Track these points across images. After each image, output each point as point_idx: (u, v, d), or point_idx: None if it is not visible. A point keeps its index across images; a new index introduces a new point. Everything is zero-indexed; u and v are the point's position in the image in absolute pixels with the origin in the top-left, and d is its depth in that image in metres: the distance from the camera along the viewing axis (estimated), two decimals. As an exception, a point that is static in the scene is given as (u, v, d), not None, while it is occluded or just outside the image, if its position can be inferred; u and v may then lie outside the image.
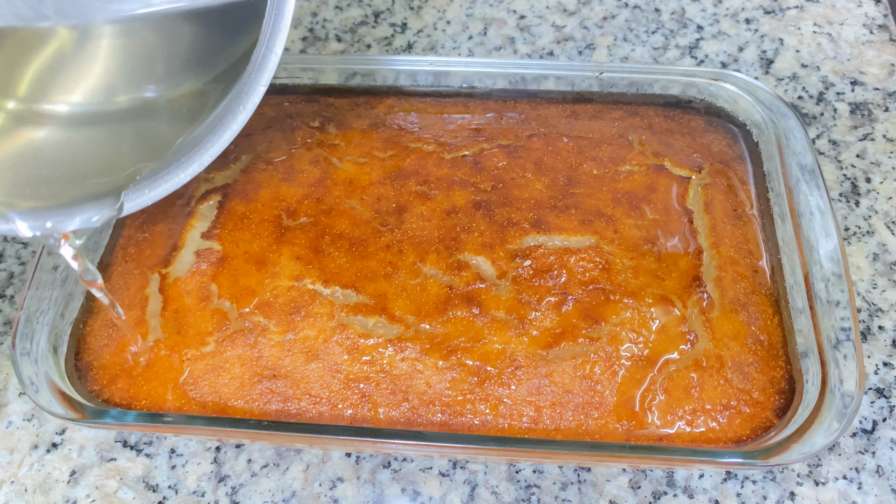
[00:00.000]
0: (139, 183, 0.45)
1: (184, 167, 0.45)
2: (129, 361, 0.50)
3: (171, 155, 0.45)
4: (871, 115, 0.67)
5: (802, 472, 0.50)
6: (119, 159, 0.47)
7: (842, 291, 0.47)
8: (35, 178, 0.46)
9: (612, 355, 0.48)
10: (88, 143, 0.48)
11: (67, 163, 0.47)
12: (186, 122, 0.47)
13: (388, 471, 0.51)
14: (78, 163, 0.47)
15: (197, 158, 0.45)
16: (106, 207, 0.43)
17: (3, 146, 0.46)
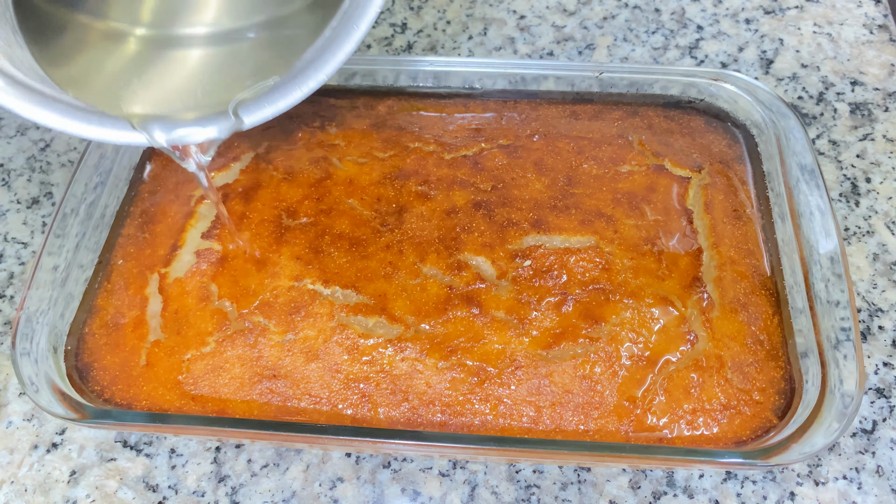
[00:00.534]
0: (259, 99, 0.48)
1: (299, 84, 0.48)
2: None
3: (289, 73, 0.48)
4: (870, 116, 0.67)
5: (802, 473, 0.50)
6: (239, 77, 0.50)
7: (842, 291, 0.47)
8: (166, 94, 0.50)
9: (611, 355, 0.48)
10: (210, 63, 0.52)
11: (193, 80, 0.51)
12: (298, 43, 0.50)
13: (388, 471, 0.51)
14: (202, 80, 0.51)
15: (312, 76, 0.48)
16: (229, 120, 0.47)
17: (137, 67, 0.50)
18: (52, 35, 0.47)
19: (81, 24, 0.49)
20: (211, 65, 0.51)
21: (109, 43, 0.51)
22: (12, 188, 0.67)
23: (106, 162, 0.57)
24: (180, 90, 0.50)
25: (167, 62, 0.51)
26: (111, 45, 0.51)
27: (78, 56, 0.49)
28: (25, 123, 0.72)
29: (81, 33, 0.49)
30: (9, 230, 0.64)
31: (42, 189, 0.67)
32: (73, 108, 0.45)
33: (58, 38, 0.48)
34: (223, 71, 0.51)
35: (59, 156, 0.69)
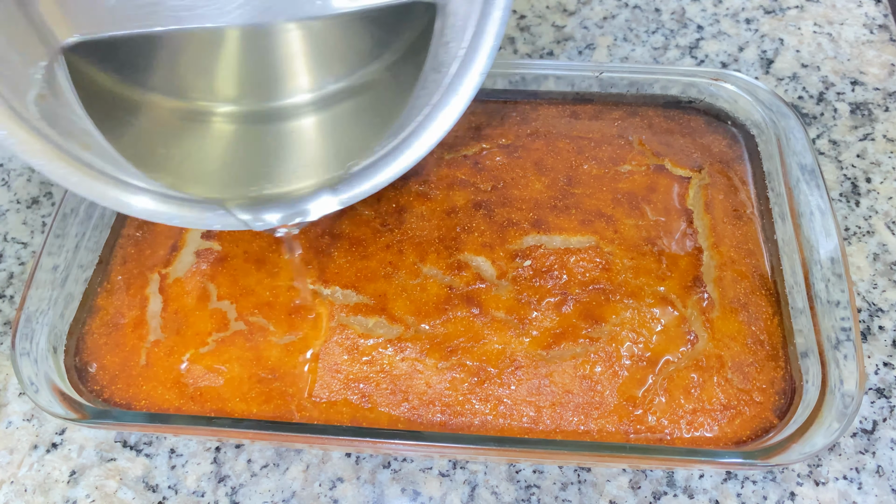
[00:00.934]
0: (354, 175, 0.45)
1: (395, 156, 0.45)
2: None
3: (380, 146, 0.45)
4: (871, 115, 0.67)
5: (803, 473, 0.50)
6: (327, 153, 0.48)
7: (842, 291, 0.47)
8: (252, 173, 0.47)
9: (612, 355, 0.48)
10: (297, 138, 0.49)
11: (281, 158, 0.48)
12: (379, 119, 0.47)
13: (388, 471, 0.51)
14: (289, 158, 0.48)
15: (410, 146, 0.45)
16: (322, 201, 0.45)
17: (217, 145, 0.48)
18: (126, 122, 0.46)
19: (156, 106, 0.48)
20: (296, 144, 0.49)
21: (190, 124, 0.49)
22: (12, 188, 0.67)
23: (106, 162, 0.57)
24: (268, 171, 0.48)
25: (251, 141, 0.49)
26: (192, 125, 0.49)
27: (158, 140, 0.47)
28: (25, 123, 0.72)
29: (157, 115, 0.48)
30: (8, 230, 0.64)
31: (42, 189, 0.67)
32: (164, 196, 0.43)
33: (133, 124, 0.46)
34: (309, 149, 0.49)
35: (58, 156, 0.69)
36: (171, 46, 0.47)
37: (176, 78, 0.48)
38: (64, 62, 0.39)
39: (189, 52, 0.48)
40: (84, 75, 0.42)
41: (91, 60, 0.44)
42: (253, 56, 0.49)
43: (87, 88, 0.42)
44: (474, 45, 0.43)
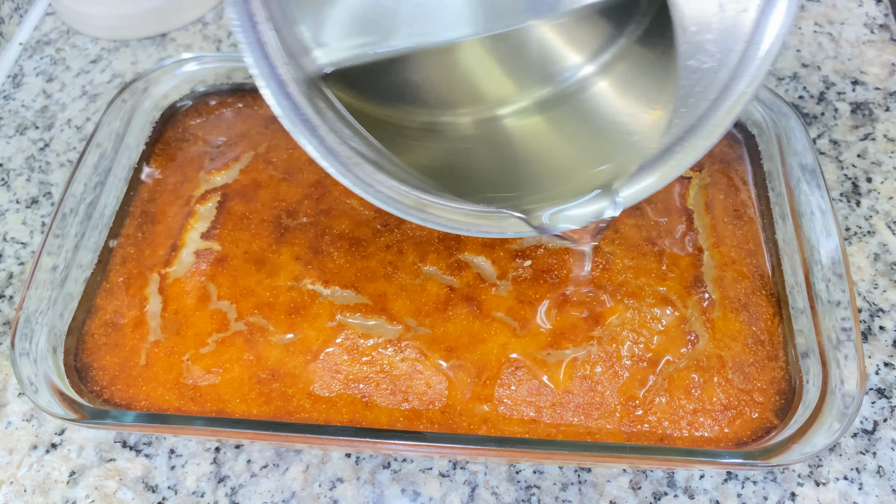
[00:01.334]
0: (635, 174, 0.43)
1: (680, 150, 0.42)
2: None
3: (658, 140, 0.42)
4: (871, 115, 0.67)
5: (803, 473, 0.50)
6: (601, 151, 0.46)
7: (843, 291, 0.47)
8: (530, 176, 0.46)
9: (612, 355, 0.48)
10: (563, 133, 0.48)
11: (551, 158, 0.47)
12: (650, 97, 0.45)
13: (387, 471, 0.51)
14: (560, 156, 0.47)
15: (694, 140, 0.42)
16: (602, 203, 0.42)
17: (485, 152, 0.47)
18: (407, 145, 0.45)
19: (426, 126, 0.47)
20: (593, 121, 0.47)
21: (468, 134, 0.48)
22: (11, 188, 0.67)
23: (105, 162, 0.57)
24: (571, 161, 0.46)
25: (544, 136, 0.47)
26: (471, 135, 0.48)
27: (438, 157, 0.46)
28: (24, 123, 0.72)
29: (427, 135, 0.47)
30: (8, 230, 0.64)
31: (41, 189, 0.67)
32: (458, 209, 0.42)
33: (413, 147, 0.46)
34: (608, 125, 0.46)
35: (58, 155, 0.69)
36: (426, 65, 0.46)
37: (440, 94, 0.48)
38: (324, 92, 0.40)
39: (445, 67, 0.47)
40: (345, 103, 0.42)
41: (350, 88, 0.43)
42: (501, 56, 0.48)
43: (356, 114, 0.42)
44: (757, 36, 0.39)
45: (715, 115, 0.41)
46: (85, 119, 0.72)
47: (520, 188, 0.45)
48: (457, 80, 0.48)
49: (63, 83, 0.75)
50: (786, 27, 0.39)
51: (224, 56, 0.64)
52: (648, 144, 0.42)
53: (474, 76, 0.48)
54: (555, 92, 0.48)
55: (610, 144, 0.45)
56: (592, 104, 0.47)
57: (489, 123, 0.48)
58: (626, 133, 0.45)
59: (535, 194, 0.44)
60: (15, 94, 0.75)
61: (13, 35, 0.80)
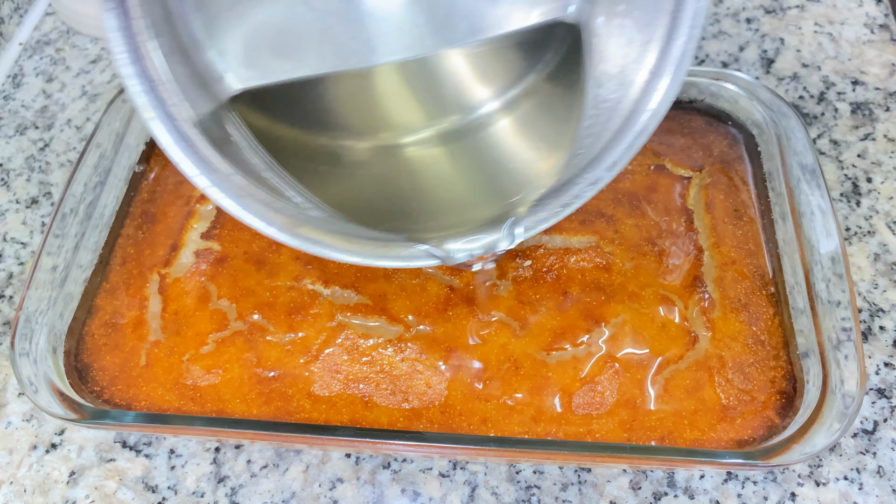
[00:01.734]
0: (533, 208, 0.42)
1: (578, 184, 0.41)
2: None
3: (558, 175, 0.42)
4: (872, 115, 0.67)
5: (803, 473, 0.50)
6: (501, 175, 0.46)
7: (843, 291, 0.47)
8: (429, 206, 0.46)
9: (612, 355, 0.48)
10: (467, 161, 0.48)
11: (453, 188, 0.47)
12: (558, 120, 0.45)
13: (387, 471, 0.51)
14: (462, 187, 0.47)
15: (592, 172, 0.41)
16: (500, 234, 0.42)
17: (388, 180, 0.47)
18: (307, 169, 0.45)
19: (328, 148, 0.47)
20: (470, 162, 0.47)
21: (369, 160, 0.48)
22: (11, 188, 0.67)
23: (105, 162, 0.57)
24: (467, 196, 0.46)
25: (441, 168, 0.47)
26: (371, 161, 0.47)
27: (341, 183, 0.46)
28: (24, 123, 0.72)
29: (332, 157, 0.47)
30: (8, 230, 0.64)
31: (41, 189, 0.67)
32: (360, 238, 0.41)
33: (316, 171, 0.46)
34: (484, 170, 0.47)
35: (58, 156, 0.69)
36: (335, 88, 0.46)
37: (347, 118, 0.48)
38: (232, 114, 0.40)
39: (354, 91, 0.47)
40: (255, 125, 0.42)
41: (260, 111, 0.44)
42: (416, 83, 0.48)
43: (260, 137, 0.42)
44: (659, 66, 0.40)
45: (618, 148, 0.41)
46: (85, 119, 0.72)
47: (420, 219, 0.45)
48: (366, 106, 0.48)
49: (63, 83, 0.75)
50: (687, 60, 0.40)
51: (224, 56, 0.64)
52: (549, 178, 0.43)
53: (383, 102, 0.48)
54: (460, 124, 0.49)
55: (511, 178, 0.46)
56: (495, 139, 0.48)
57: (393, 151, 0.48)
58: (527, 168, 0.45)
59: (435, 225, 0.44)
60: (15, 94, 0.75)
61: (13, 35, 0.80)
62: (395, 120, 0.49)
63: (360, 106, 0.48)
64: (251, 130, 0.41)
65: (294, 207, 0.40)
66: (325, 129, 0.47)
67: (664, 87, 0.40)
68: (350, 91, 0.47)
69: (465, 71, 0.48)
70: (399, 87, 0.48)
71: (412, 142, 0.48)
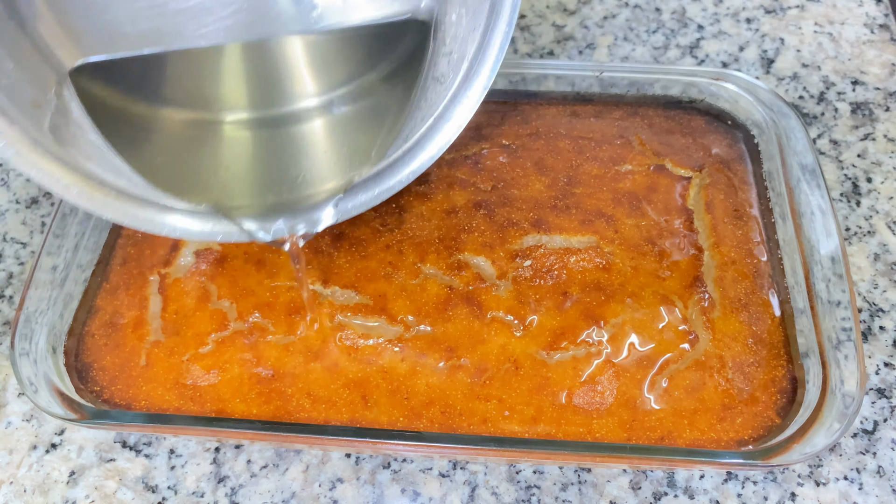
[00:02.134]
0: (357, 186, 0.45)
1: (397, 170, 0.46)
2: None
3: (382, 158, 0.46)
4: (871, 115, 0.67)
5: (803, 473, 0.50)
6: (331, 161, 0.48)
7: (843, 291, 0.47)
8: (257, 183, 0.48)
9: (612, 355, 0.48)
10: (301, 146, 0.50)
11: (284, 166, 0.49)
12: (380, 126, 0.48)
13: (387, 471, 0.51)
14: (294, 165, 0.49)
15: (414, 157, 0.45)
16: (324, 212, 0.45)
17: (225, 154, 0.49)
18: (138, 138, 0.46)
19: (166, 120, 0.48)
20: (301, 150, 0.49)
21: (200, 134, 0.49)
22: (11, 188, 0.67)
23: (105, 162, 0.57)
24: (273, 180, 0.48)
25: (256, 149, 0.49)
26: (202, 135, 0.49)
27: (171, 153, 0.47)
28: (25, 123, 0.72)
29: (168, 129, 0.48)
30: (8, 230, 0.64)
31: (41, 189, 0.67)
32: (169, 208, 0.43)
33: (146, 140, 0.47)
34: (314, 157, 0.49)
35: (58, 156, 0.69)
36: (175, 62, 0.47)
37: (183, 90, 0.49)
38: (72, 85, 0.40)
39: (193, 65, 0.48)
40: (93, 96, 0.43)
41: (98, 81, 0.44)
42: (255, 64, 0.49)
43: (98, 108, 0.42)
44: (479, 57, 0.43)
45: (438, 135, 0.45)
46: (85, 119, 0.72)
47: (228, 194, 0.46)
48: (194, 79, 0.49)
49: (63, 83, 0.75)
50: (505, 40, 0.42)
51: (224, 56, 0.64)
52: (368, 166, 0.46)
53: (212, 79, 0.49)
54: (277, 114, 0.50)
55: (338, 161, 0.48)
56: (305, 135, 0.50)
57: (211, 126, 0.49)
58: (355, 154, 0.48)
59: (248, 203, 0.46)
60: (15, 94, 0.74)
61: (13, 35, 0.80)
62: (220, 97, 0.50)
63: (188, 79, 0.49)
64: (86, 102, 0.41)
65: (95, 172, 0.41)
66: (151, 98, 0.48)
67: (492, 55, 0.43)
68: (181, 64, 0.48)
69: (301, 61, 0.49)
70: (233, 66, 0.49)
71: (231, 121, 0.50)
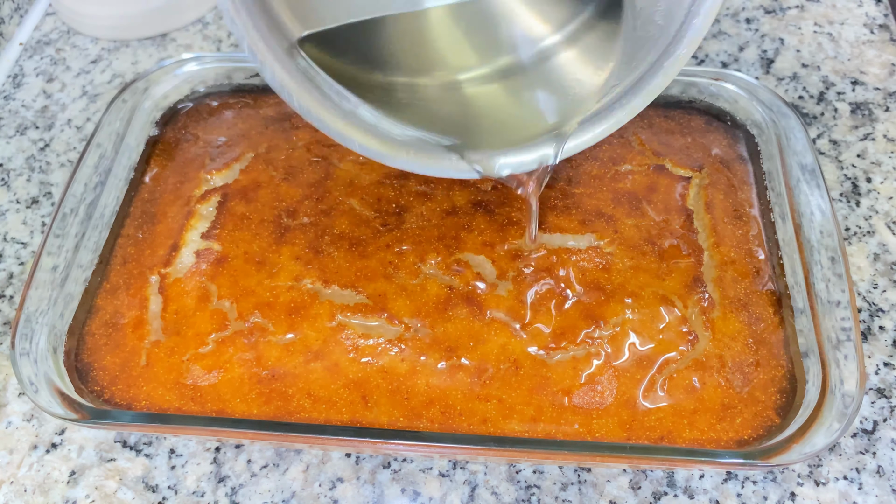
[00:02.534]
0: (577, 129, 0.46)
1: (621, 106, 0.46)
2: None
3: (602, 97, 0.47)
4: (871, 115, 0.67)
5: (803, 473, 0.50)
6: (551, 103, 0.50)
7: (842, 291, 0.47)
8: (480, 127, 0.50)
9: (612, 355, 0.48)
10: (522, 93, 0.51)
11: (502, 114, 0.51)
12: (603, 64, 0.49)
13: (387, 471, 0.51)
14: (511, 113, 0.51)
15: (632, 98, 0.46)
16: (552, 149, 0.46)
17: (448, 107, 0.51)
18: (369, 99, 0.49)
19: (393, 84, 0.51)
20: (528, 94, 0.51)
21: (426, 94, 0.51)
22: (12, 188, 0.67)
23: (105, 162, 0.57)
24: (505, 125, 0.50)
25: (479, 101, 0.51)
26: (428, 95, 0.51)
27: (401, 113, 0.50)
28: (24, 123, 0.72)
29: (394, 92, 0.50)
30: (8, 230, 0.64)
31: (41, 189, 0.67)
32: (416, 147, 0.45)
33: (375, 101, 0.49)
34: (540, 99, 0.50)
35: (58, 156, 0.69)
36: (392, 28, 0.50)
37: (408, 55, 0.51)
38: (304, 54, 0.45)
39: (412, 29, 0.51)
40: (328, 66, 0.46)
41: (326, 52, 0.47)
42: (465, 21, 0.52)
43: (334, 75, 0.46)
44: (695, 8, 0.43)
45: (654, 79, 0.45)
46: (85, 119, 0.72)
47: (473, 140, 0.48)
48: (420, 47, 0.51)
49: (63, 83, 0.75)
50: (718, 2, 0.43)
51: (224, 56, 0.64)
52: (591, 103, 0.47)
53: (436, 44, 0.51)
54: (518, 59, 0.52)
55: (558, 103, 0.50)
56: (546, 73, 0.51)
57: (449, 86, 0.51)
58: (574, 94, 0.49)
59: (483, 142, 0.47)
60: (15, 95, 0.75)
61: (13, 35, 0.80)
62: (449, 60, 0.52)
63: (415, 46, 0.51)
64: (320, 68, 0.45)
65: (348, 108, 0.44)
66: (381, 69, 0.50)
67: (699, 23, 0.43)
68: (404, 32, 0.50)
69: (519, 9, 0.51)
70: (456, 28, 0.52)
71: (468, 78, 0.51)
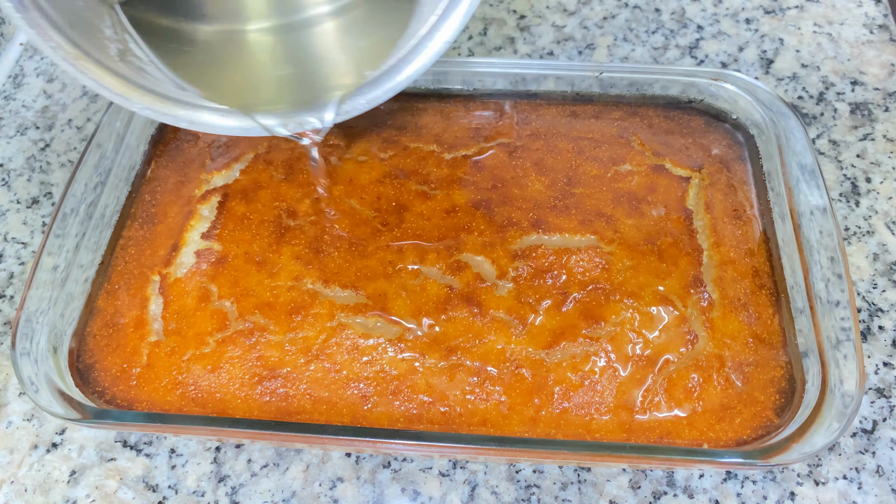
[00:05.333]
0: (360, 88, 0.51)
1: (394, 74, 0.51)
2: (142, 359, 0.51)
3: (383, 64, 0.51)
4: (871, 115, 0.67)
5: (802, 472, 0.50)
6: (337, 66, 0.55)
7: (842, 291, 0.47)
8: (278, 85, 0.54)
9: (611, 355, 0.48)
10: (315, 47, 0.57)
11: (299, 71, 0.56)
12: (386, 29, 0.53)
13: (387, 471, 0.51)
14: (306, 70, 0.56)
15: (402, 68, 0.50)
16: (329, 110, 0.51)
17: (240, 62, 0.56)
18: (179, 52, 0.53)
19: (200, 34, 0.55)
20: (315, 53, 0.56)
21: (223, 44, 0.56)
22: (12, 188, 0.67)
23: (106, 162, 0.57)
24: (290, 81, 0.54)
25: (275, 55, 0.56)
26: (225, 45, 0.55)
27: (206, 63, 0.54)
28: (25, 123, 0.72)
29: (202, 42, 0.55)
30: (9, 230, 0.64)
31: (42, 189, 0.67)
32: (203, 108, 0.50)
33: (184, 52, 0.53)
34: (326, 59, 0.55)
35: (58, 156, 0.69)
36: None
37: (214, 5, 0.55)
38: (122, 13, 0.47)
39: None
40: (140, 21, 0.50)
41: (142, 7, 0.51)
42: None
43: (146, 31, 0.49)
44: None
45: (430, 43, 0.49)
46: (86, 119, 0.72)
47: (260, 95, 0.53)
48: None
49: (64, 83, 0.75)
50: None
51: (224, 56, 0.64)
52: (368, 70, 0.51)
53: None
54: (294, 20, 0.57)
55: (336, 67, 0.55)
56: (321, 36, 0.56)
57: (237, 35, 0.56)
58: (352, 60, 0.54)
59: (270, 102, 0.52)
60: (16, 95, 0.75)
61: (14, 35, 0.80)
62: (244, 8, 0.56)
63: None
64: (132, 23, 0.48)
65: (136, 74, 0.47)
66: (188, 16, 0.55)
67: None
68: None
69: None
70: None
71: (254, 29, 0.56)
